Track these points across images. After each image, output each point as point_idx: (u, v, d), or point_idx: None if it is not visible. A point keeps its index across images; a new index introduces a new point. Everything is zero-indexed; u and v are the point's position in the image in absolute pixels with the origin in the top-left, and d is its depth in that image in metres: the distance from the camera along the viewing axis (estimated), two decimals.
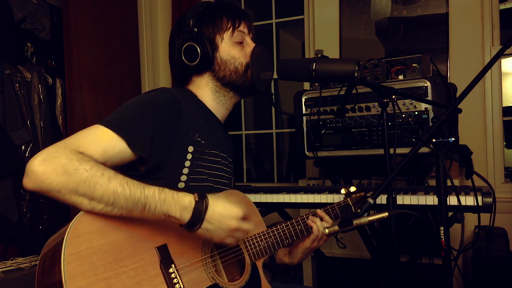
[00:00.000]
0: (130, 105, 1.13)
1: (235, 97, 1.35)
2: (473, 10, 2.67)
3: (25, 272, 2.11)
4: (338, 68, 1.19)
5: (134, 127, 1.07)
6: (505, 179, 2.67)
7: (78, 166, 0.93)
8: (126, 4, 3.55)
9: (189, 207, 1.01)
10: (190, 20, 1.26)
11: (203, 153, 1.21)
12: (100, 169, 0.95)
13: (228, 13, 1.30)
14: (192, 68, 1.28)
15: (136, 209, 0.97)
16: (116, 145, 1.04)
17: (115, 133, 1.04)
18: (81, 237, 0.93)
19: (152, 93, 1.18)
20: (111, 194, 0.94)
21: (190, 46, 1.25)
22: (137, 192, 0.97)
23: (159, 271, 1.02)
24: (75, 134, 1.03)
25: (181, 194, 1.02)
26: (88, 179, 0.93)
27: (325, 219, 1.37)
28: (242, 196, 1.33)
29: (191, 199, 1.02)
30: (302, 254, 1.40)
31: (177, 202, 1.00)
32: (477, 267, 1.95)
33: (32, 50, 3.19)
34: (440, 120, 1.16)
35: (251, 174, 4.18)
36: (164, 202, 0.99)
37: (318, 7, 3.10)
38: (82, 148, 0.98)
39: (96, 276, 0.92)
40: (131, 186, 0.97)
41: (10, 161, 2.74)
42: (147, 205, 0.97)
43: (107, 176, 0.95)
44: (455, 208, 1.49)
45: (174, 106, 1.16)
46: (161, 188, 1.00)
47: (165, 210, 0.99)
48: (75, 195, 0.93)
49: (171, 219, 1.00)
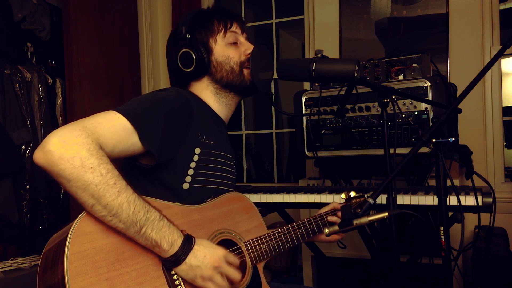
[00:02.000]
0: (144, 100, 1.13)
1: (236, 97, 1.35)
2: (473, 10, 2.67)
3: (25, 272, 2.11)
4: (338, 68, 1.19)
5: (147, 122, 1.06)
6: (505, 179, 2.67)
7: (96, 166, 0.92)
8: (126, 4, 3.55)
9: (177, 241, 1.01)
10: (183, 27, 1.28)
11: (211, 154, 1.21)
12: (114, 178, 0.94)
13: (219, 16, 1.32)
14: (190, 74, 1.29)
15: (132, 228, 0.96)
16: (129, 138, 1.03)
17: (131, 124, 1.03)
18: (84, 236, 0.93)
19: (165, 92, 1.18)
20: (116, 206, 0.94)
21: (185, 53, 1.27)
22: (141, 213, 0.97)
23: (161, 272, 1.02)
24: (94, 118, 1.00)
25: (174, 228, 1.03)
26: (101, 183, 0.92)
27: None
28: (242, 198, 1.33)
29: (180, 234, 1.03)
30: None
31: (170, 234, 1.00)
32: (477, 267, 1.95)
33: (32, 50, 3.20)
34: (440, 120, 1.16)
35: (251, 174, 4.18)
36: (160, 230, 0.99)
37: (318, 7, 3.10)
38: (102, 138, 0.97)
39: (98, 276, 0.92)
40: (137, 205, 0.97)
41: (10, 161, 2.74)
42: (144, 227, 0.97)
43: (118, 187, 0.94)
44: (455, 208, 1.49)
45: (186, 106, 1.17)
46: (161, 216, 1.01)
47: (158, 238, 0.98)
48: (83, 192, 0.92)
49: (158, 248, 0.99)
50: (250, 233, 1.27)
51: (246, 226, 1.28)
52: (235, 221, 1.26)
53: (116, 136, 1.00)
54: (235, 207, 1.28)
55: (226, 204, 1.25)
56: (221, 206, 1.24)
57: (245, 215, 1.29)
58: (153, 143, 1.06)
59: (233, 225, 1.24)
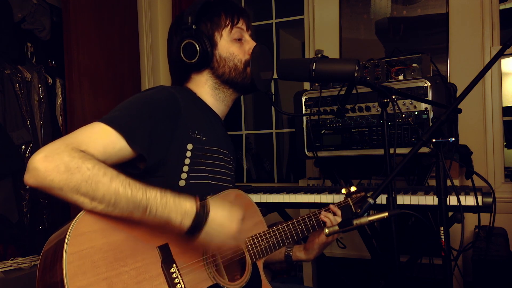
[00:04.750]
0: (128, 103, 1.13)
1: (234, 94, 1.35)
2: (473, 10, 2.67)
3: (25, 272, 2.11)
4: (338, 68, 1.19)
5: (132, 125, 1.07)
6: (505, 179, 2.67)
7: (80, 164, 0.92)
8: (126, 4, 3.54)
9: (190, 212, 1.00)
10: (189, 17, 1.26)
11: (204, 150, 1.21)
12: (102, 168, 0.95)
13: (226, 10, 1.30)
14: (191, 66, 1.28)
15: (137, 211, 0.96)
16: (116, 143, 1.03)
17: (115, 130, 1.03)
18: (82, 236, 0.93)
19: (150, 91, 1.18)
20: (112, 194, 0.94)
21: (189, 44, 1.25)
22: (139, 193, 0.96)
23: (161, 270, 1.02)
24: (76, 131, 1.03)
25: (182, 198, 1.01)
26: (90, 178, 0.92)
27: (338, 214, 1.38)
28: (243, 195, 1.33)
29: (192, 204, 1.01)
30: (318, 250, 1.41)
31: (178, 206, 0.99)
32: (477, 267, 1.95)
33: (32, 50, 3.19)
34: (440, 120, 1.16)
35: (251, 174, 4.18)
36: (165, 206, 0.98)
37: (318, 7, 3.10)
38: (84, 146, 0.98)
39: (97, 276, 0.92)
40: (133, 187, 0.96)
41: (10, 161, 2.74)
42: (148, 207, 0.96)
43: (109, 176, 0.95)
44: (455, 208, 1.49)
45: (172, 104, 1.16)
46: (163, 191, 1.00)
47: (165, 215, 0.98)
48: (77, 194, 0.92)
49: (170, 225, 0.99)
50: (250, 230, 1.27)
51: (245, 223, 1.27)
52: None
53: (99, 142, 1.01)
54: (235, 204, 1.27)
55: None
56: None
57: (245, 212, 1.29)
58: (141, 145, 1.06)
59: None
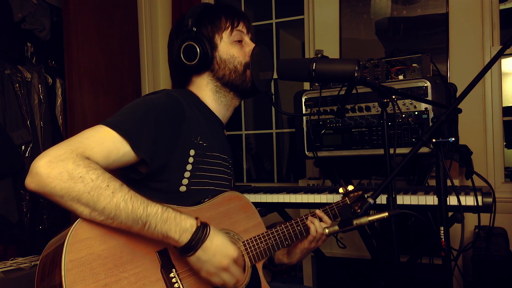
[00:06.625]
0: (133, 107, 1.13)
1: (236, 99, 1.35)
2: (473, 10, 2.67)
3: (25, 272, 2.11)
4: (338, 68, 1.19)
5: (137, 130, 1.06)
6: (505, 179, 2.67)
7: (84, 174, 0.92)
8: (126, 4, 3.54)
9: (189, 230, 1.00)
10: (189, 20, 1.26)
11: (205, 155, 1.21)
12: (106, 180, 0.94)
13: (226, 13, 1.31)
14: (192, 68, 1.28)
15: (135, 226, 0.96)
16: (120, 148, 1.03)
17: (120, 135, 1.03)
18: (81, 243, 0.92)
19: (155, 96, 1.18)
20: (113, 208, 0.93)
21: (189, 46, 1.26)
22: (140, 209, 0.96)
23: (160, 275, 1.02)
24: (80, 135, 1.02)
25: (184, 216, 1.01)
26: (93, 189, 0.92)
27: (324, 220, 1.36)
28: (240, 197, 1.33)
29: (192, 223, 1.01)
30: (300, 254, 1.39)
31: (179, 223, 1.00)
32: (477, 267, 1.94)
33: (32, 50, 3.19)
34: (440, 120, 1.16)
35: (251, 174, 4.18)
36: (165, 222, 0.98)
37: (318, 7, 3.10)
38: (88, 151, 0.97)
39: (97, 283, 0.92)
40: (134, 202, 0.96)
41: (10, 161, 2.74)
42: (148, 223, 0.96)
43: (111, 189, 0.94)
44: (455, 208, 1.49)
45: (177, 109, 1.16)
46: (165, 208, 1.00)
47: (164, 231, 0.98)
48: (77, 203, 0.92)
49: (168, 240, 1.00)
50: (248, 232, 1.27)
51: (244, 225, 1.27)
52: (233, 220, 1.25)
53: (104, 147, 1.00)
54: (233, 206, 1.27)
55: (223, 204, 1.25)
56: (218, 206, 1.23)
57: (243, 214, 1.29)
58: (145, 150, 1.06)
59: (231, 225, 1.24)
